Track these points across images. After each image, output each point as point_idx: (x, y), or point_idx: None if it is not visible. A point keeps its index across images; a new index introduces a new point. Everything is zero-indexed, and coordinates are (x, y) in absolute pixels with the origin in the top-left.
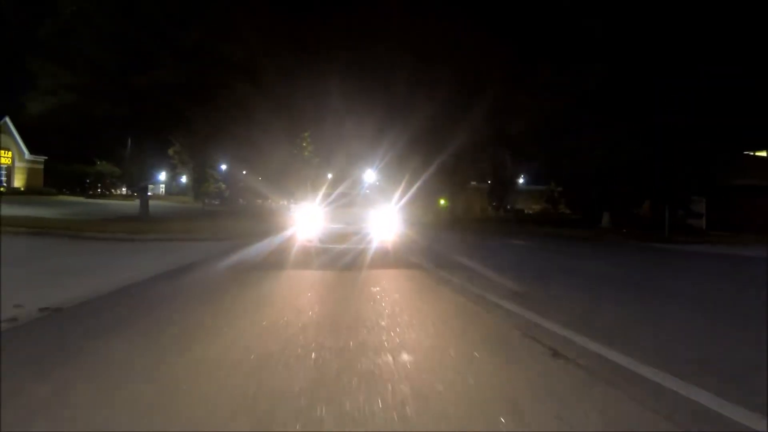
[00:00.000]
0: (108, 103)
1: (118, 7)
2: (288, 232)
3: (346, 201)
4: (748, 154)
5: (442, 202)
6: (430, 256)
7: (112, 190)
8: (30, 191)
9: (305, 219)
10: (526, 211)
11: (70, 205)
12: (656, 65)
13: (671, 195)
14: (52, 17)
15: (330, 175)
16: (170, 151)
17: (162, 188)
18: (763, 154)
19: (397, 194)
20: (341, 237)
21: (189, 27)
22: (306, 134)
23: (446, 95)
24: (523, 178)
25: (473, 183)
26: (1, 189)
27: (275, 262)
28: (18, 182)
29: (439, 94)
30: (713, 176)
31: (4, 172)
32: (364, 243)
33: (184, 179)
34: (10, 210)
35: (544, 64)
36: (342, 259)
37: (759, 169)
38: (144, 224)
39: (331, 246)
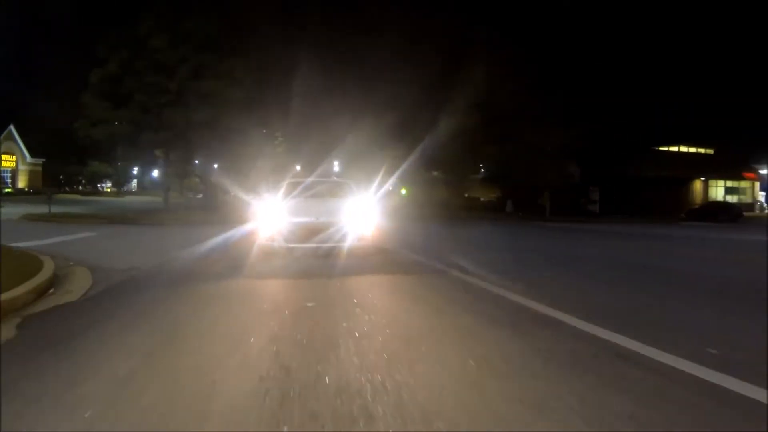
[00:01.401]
0: (151, 132)
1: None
2: (248, 228)
3: (316, 191)
4: (655, 150)
5: (403, 191)
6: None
7: (102, 188)
8: (34, 191)
9: (268, 213)
10: (482, 199)
11: (78, 203)
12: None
13: (563, 187)
14: (101, 65)
15: (299, 167)
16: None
17: (134, 184)
18: (673, 149)
19: (371, 183)
20: (310, 233)
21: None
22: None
23: (410, 90)
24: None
25: (435, 173)
26: (9, 189)
27: (226, 268)
28: (22, 183)
29: (405, 89)
30: (609, 169)
31: (9, 175)
32: (337, 240)
33: (155, 174)
34: (41, 208)
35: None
36: (311, 263)
37: (663, 162)
38: (172, 214)
39: (297, 245)
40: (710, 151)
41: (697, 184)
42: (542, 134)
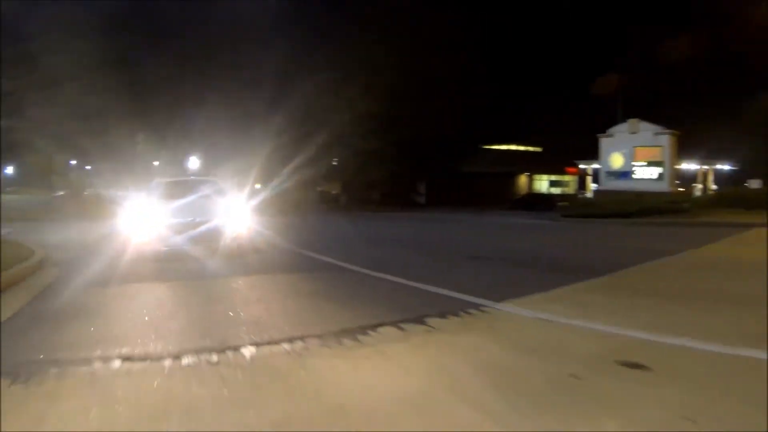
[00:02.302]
0: None
1: None
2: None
3: (187, 190)
4: (487, 148)
5: (258, 186)
6: None
7: None
8: None
9: (139, 212)
10: (333, 192)
11: None
12: None
13: (393, 182)
14: None
15: (156, 163)
16: None
17: None
18: (504, 147)
19: (240, 182)
20: (185, 233)
21: None
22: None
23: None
24: None
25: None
26: None
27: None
28: None
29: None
30: (442, 165)
31: None
32: (213, 239)
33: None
34: None
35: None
36: (185, 264)
37: (494, 159)
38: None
39: (172, 246)
40: (539, 149)
41: (523, 178)
42: (370, 139)
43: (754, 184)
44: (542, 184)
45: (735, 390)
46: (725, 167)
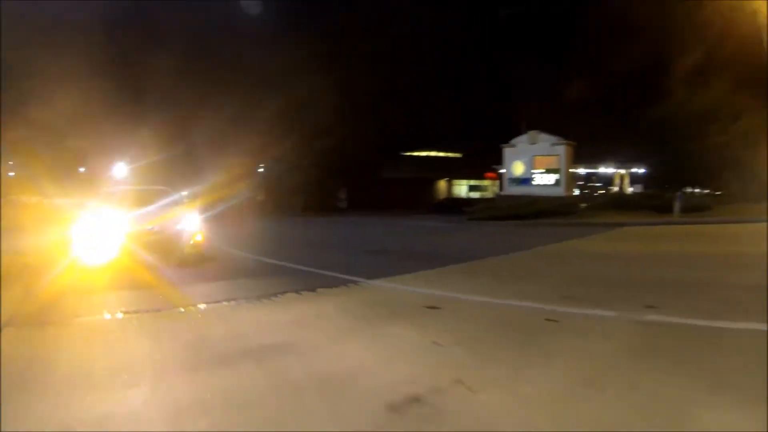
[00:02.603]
0: None
1: None
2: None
3: (138, 199)
4: (403, 154)
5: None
6: None
7: None
8: None
9: (88, 222)
10: (258, 198)
11: None
12: None
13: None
14: None
15: (82, 169)
16: None
17: None
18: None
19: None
20: (141, 242)
21: None
22: None
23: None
24: None
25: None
26: None
27: None
28: None
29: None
30: (364, 172)
31: None
32: (171, 247)
33: None
34: None
35: None
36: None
37: (409, 165)
38: None
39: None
40: (458, 155)
41: (442, 183)
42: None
43: (635, 188)
44: (462, 188)
45: (483, 319)
46: (640, 170)
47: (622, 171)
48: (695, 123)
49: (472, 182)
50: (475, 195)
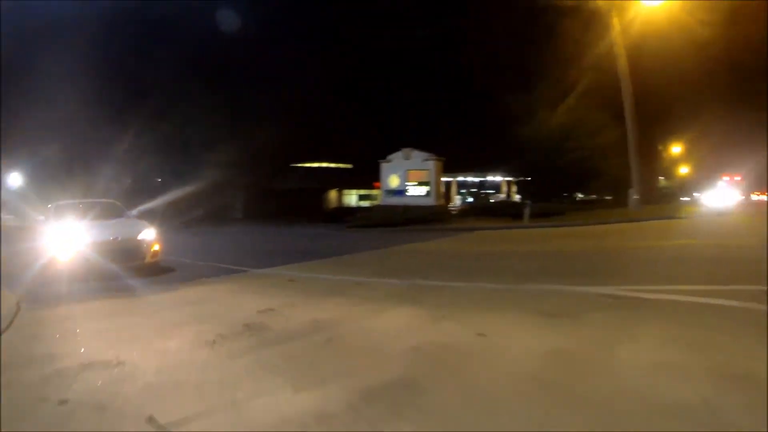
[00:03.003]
0: None
1: None
2: None
3: (92, 213)
4: (295, 165)
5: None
6: None
7: None
8: None
9: (48, 236)
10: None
11: None
12: None
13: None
14: None
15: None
16: None
17: None
18: (311, 165)
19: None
20: (104, 254)
21: None
22: None
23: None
24: None
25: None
26: None
27: None
28: None
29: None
30: (258, 182)
31: None
32: (132, 258)
33: None
34: None
35: None
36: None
37: (301, 175)
38: None
39: (90, 268)
40: (349, 166)
41: (333, 193)
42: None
43: (499, 197)
44: (352, 198)
45: (319, 285)
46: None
47: (509, 179)
48: (556, 139)
49: (362, 192)
50: (365, 204)
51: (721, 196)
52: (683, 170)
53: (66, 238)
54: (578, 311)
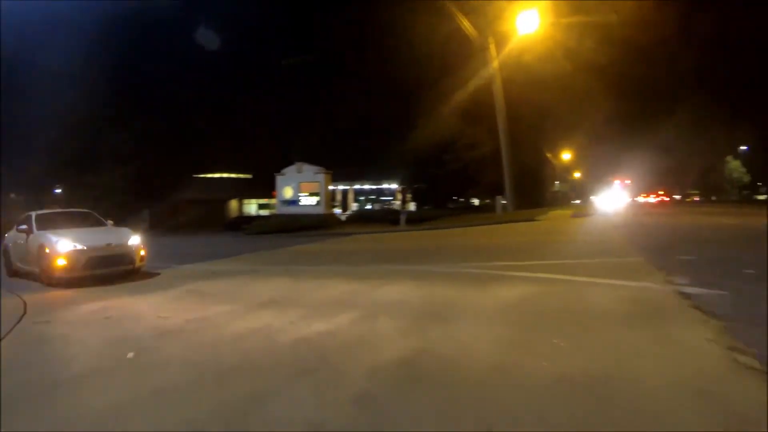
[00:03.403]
0: None
1: None
2: None
3: (75, 222)
4: (198, 177)
5: None
6: None
7: None
8: None
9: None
10: None
11: None
12: None
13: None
14: None
15: None
16: None
17: None
18: (213, 175)
19: None
20: (102, 260)
21: None
22: None
23: None
24: None
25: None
26: None
27: None
28: None
29: None
30: (156, 195)
31: None
32: (127, 262)
33: None
34: None
35: None
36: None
37: (204, 186)
38: None
39: (92, 271)
40: (249, 176)
41: (234, 203)
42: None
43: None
44: (252, 207)
45: (213, 274)
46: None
47: (403, 187)
48: (435, 152)
49: (262, 201)
50: (265, 212)
51: (612, 198)
52: (577, 175)
53: (65, 243)
54: (379, 276)
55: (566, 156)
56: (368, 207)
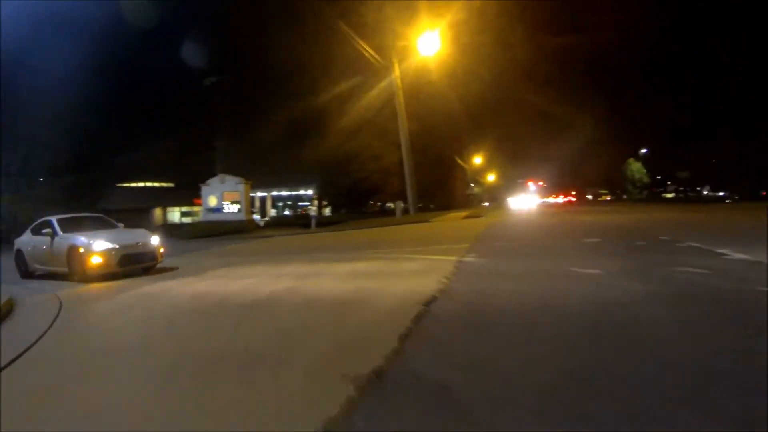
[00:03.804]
0: None
1: None
2: None
3: (93, 224)
4: (121, 186)
5: None
6: None
7: None
8: None
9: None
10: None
11: None
12: None
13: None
14: None
15: None
16: None
17: None
18: (136, 184)
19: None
20: (130, 256)
21: None
22: None
23: None
24: None
25: None
26: None
27: None
28: None
29: None
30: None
31: None
32: (150, 259)
33: None
34: None
35: None
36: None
37: (128, 195)
38: None
39: (125, 266)
40: (171, 185)
41: (158, 211)
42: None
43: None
44: (175, 215)
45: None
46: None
47: (318, 194)
48: (341, 162)
49: (184, 209)
50: (188, 219)
51: (523, 199)
52: (491, 178)
53: (100, 243)
54: (285, 261)
55: (478, 161)
56: (286, 212)
